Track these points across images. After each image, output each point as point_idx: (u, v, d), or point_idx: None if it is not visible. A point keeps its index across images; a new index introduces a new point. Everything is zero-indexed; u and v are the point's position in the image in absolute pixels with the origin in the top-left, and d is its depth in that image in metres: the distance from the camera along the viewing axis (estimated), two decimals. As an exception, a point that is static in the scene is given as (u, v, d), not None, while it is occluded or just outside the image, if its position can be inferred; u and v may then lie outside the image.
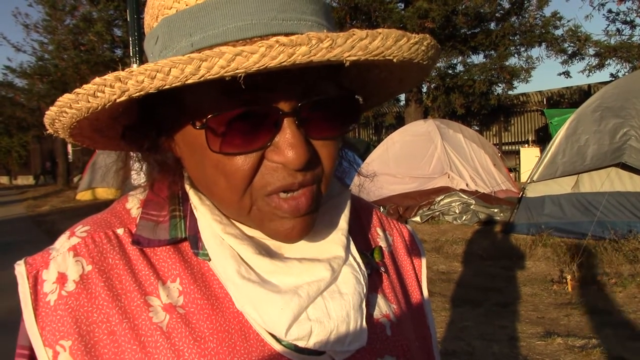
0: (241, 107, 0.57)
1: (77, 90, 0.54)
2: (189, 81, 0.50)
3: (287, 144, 0.58)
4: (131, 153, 0.76)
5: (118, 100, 0.53)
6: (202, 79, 0.50)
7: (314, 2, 0.61)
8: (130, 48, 8.12)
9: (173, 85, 0.51)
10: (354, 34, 0.51)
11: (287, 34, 0.52)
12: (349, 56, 0.52)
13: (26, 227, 13.08)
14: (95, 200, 17.23)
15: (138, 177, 0.75)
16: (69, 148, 26.21)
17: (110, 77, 0.51)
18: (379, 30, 0.52)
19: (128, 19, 8.49)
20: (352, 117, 0.66)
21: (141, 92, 0.52)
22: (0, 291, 6.21)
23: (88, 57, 19.31)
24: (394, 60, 0.55)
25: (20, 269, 0.66)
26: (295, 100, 0.59)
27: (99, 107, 0.54)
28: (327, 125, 0.63)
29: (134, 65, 7.70)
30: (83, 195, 18.06)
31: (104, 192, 17.29)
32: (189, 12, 0.58)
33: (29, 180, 36.04)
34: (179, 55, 0.50)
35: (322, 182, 0.65)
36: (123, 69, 0.53)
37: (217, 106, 0.58)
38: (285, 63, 0.49)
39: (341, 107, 0.64)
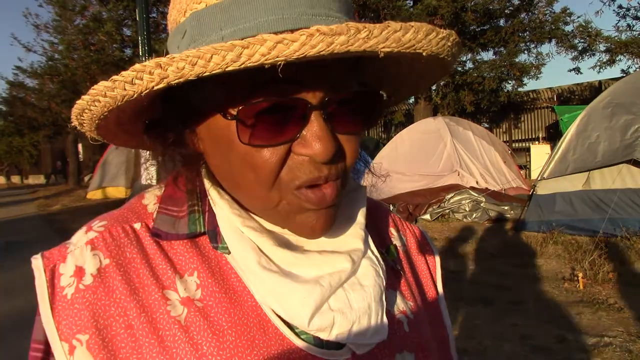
0: (271, 99, 0.58)
1: (114, 77, 0.54)
2: (229, 68, 0.50)
3: (314, 137, 0.59)
4: (141, 152, 0.76)
5: (155, 88, 0.53)
6: (242, 66, 0.50)
7: (340, 0, 0.62)
8: (140, 47, 8.17)
9: (213, 72, 0.50)
10: (389, 26, 0.52)
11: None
12: (383, 47, 0.52)
13: (38, 226, 13.18)
14: (105, 199, 17.34)
15: (150, 175, 0.75)
16: (80, 147, 26.39)
17: (150, 63, 0.51)
18: (411, 23, 0.53)
19: (137, 19, 8.54)
20: (374, 113, 0.67)
21: (180, 79, 0.52)
22: (13, 290, 6.27)
23: (98, 56, 19.36)
24: (424, 53, 0.56)
25: (37, 262, 0.65)
26: (323, 94, 0.59)
27: (135, 95, 0.54)
28: (352, 120, 0.63)
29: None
30: (94, 195, 18.19)
31: (114, 191, 17.41)
32: (219, 6, 0.58)
33: (40, 179, 36.34)
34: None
35: (344, 176, 0.66)
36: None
37: (247, 98, 0.58)
38: (324, 52, 0.50)
39: (365, 102, 0.65)
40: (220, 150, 0.64)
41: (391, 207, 9.58)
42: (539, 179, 8.45)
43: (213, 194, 0.69)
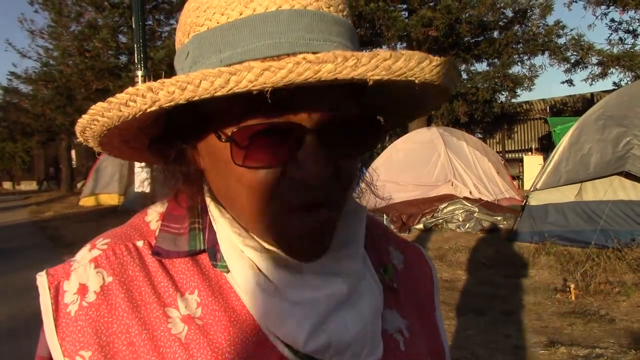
0: (266, 122, 0.58)
1: (110, 99, 0.56)
2: (218, 94, 0.51)
3: (308, 160, 0.59)
4: (136, 163, 0.77)
5: (148, 110, 0.54)
6: (230, 92, 0.51)
7: (339, 24, 0.62)
8: (135, 55, 8.19)
9: (202, 97, 0.52)
10: (377, 54, 0.52)
11: (313, 53, 0.52)
12: (372, 75, 0.53)
13: (30, 232, 13.09)
14: (98, 206, 17.27)
15: (143, 185, 0.76)
16: (73, 154, 26.32)
17: (142, 87, 0.53)
18: (403, 51, 0.54)
19: (133, 26, 8.56)
20: (373, 138, 0.67)
21: (171, 103, 0.53)
22: (5, 296, 6.22)
23: (93, 63, 19.30)
24: (416, 81, 0.56)
25: (41, 279, 0.66)
26: (318, 117, 0.59)
27: (130, 116, 0.56)
28: (348, 143, 0.63)
29: (139, 72, 7.71)
30: (86, 201, 18.11)
31: (107, 198, 17.35)
32: (219, 30, 0.60)
33: (32, 185, 36.23)
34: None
35: (340, 199, 0.66)
36: (128, 76, 0.54)
37: (243, 120, 0.58)
38: (310, 79, 0.51)
39: (362, 126, 0.65)
40: (218, 169, 0.64)
41: (384, 217, 9.58)
42: (531, 189, 8.49)
43: (214, 211, 0.70)
